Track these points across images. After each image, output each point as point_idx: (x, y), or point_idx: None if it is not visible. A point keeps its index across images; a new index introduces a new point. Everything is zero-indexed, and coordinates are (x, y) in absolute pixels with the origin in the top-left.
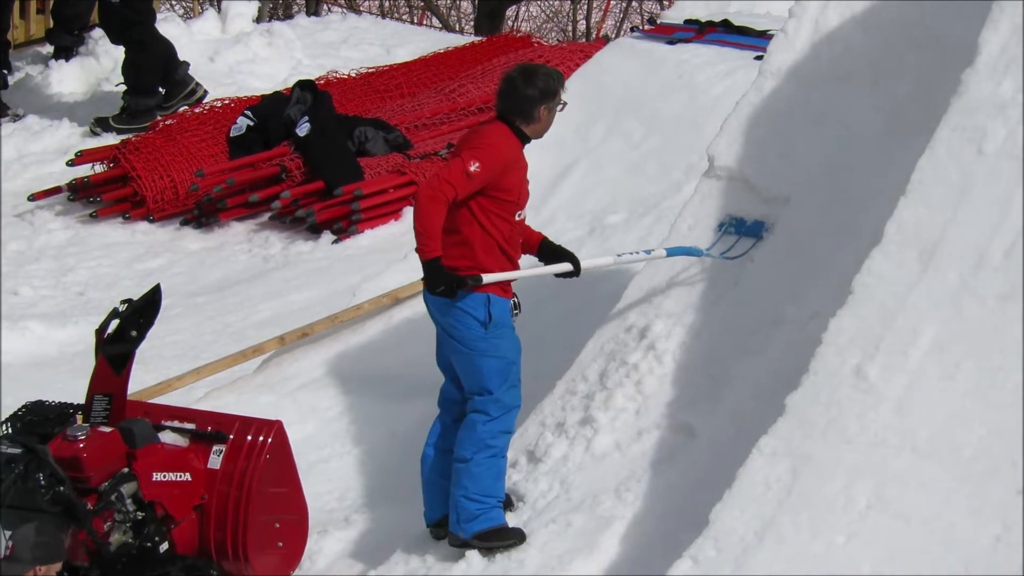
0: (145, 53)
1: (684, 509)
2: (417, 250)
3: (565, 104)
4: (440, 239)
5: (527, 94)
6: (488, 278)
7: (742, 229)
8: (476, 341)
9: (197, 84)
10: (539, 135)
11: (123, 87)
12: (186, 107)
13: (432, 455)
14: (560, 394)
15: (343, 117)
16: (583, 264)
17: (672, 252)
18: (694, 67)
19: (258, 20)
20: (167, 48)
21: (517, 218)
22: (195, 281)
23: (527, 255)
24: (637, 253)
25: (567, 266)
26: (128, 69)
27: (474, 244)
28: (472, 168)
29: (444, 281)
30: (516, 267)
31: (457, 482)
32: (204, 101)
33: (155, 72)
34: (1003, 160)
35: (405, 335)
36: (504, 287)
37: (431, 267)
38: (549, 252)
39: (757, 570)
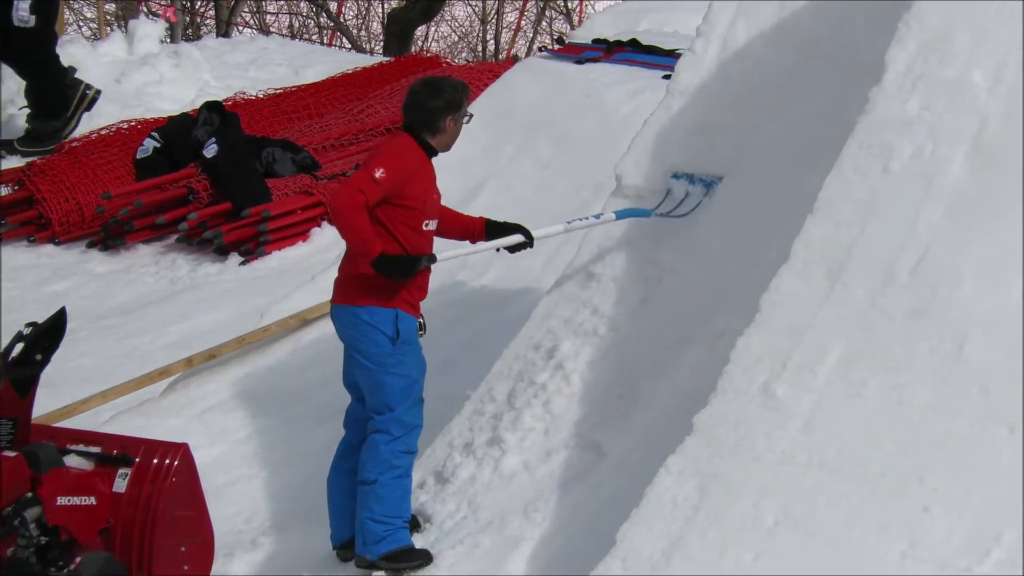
0: (49, 76)
1: (592, 529)
2: (358, 257)
3: (471, 116)
4: (373, 236)
5: (432, 106)
6: (443, 256)
7: (694, 182)
8: (383, 357)
9: (87, 86)
10: (446, 147)
11: (27, 110)
12: (94, 131)
13: (338, 476)
14: (468, 414)
15: (251, 138)
16: (535, 233)
17: (621, 215)
18: (602, 86)
19: (170, 41)
20: (64, 69)
21: (425, 228)
22: (102, 304)
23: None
24: (586, 219)
25: (519, 237)
26: (32, 92)
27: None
28: (378, 174)
29: (402, 266)
30: (427, 274)
31: (363, 504)
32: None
33: (59, 94)
34: (909, 177)
35: (313, 357)
36: (414, 304)
37: (381, 262)
38: (497, 229)
39: None
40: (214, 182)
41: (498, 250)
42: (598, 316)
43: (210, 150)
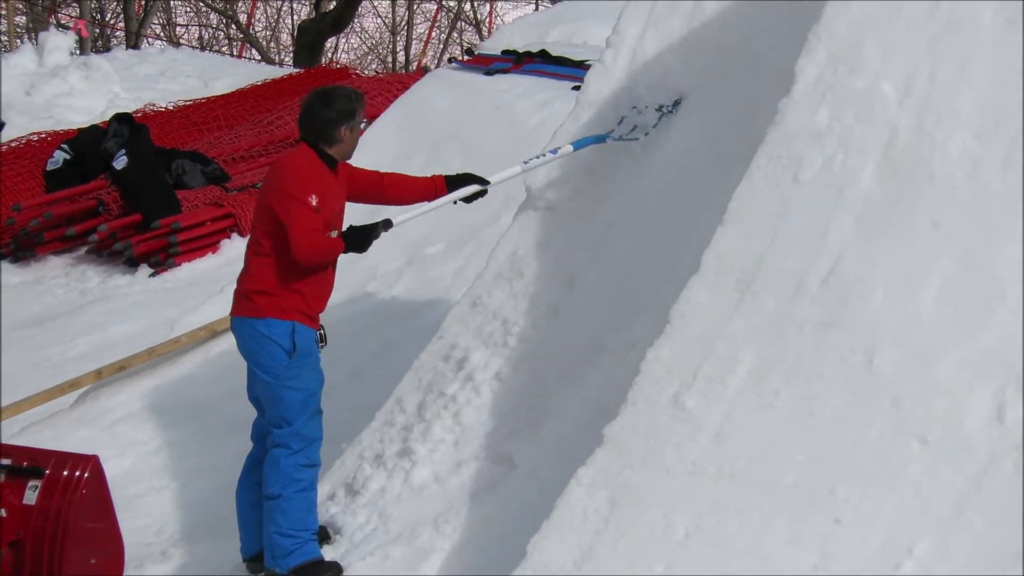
0: None
1: (503, 540)
2: (334, 256)
3: (368, 123)
4: (333, 240)
5: (326, 116)
6: (399, 219)
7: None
8: (280, 370)
9: None
10: (345, 156)
11: None
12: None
13: (246, 489)
14: (378, 426)
15: (160, 150)
16: (492, 179)
17: (578, 145)
18: (512, 97)
19: (80, 53)
20: None
21: (331, 236)
22: (12, 315)
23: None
24: (543, 156)
25: (475, 187)
26: None
27: (285, 266)
28: (314, 202)
29: (364, 236)
30: (330, 286)
31: (269, 518)
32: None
33: None
34: (819, 188)
35: (222, 368)
36: (311, 317)
37: (348, 243)
38: (455, 182)
39: None
40: (124, 194)
41: (455, 203)
42: (508, 326)
43: (120, 162)
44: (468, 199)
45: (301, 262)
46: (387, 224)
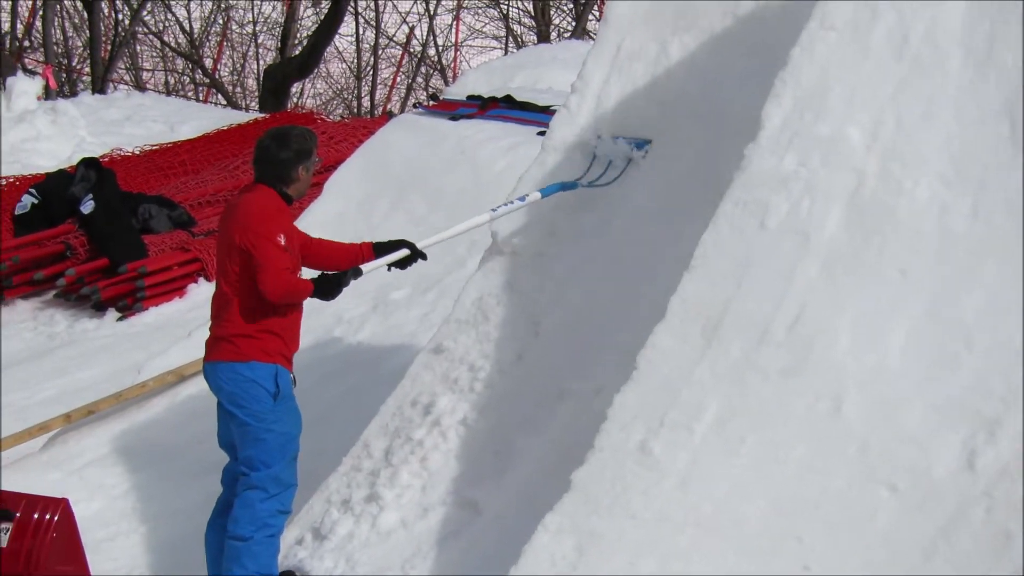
0: None
1: None
2: (303, 297)
3: (320, 161)
4: (302, 282)
5: (283, 158)
6: (367, 267)
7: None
8: (264, 413)
9: None
10: (301, 194)
11: None
12: None
13: (215, 532)
14: (345, 471)
15: (127, 194)
16: (454, 230)
17: (546, 192)
18: (476, 142)
19: (46, 98)
20: None
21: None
22: None
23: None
24: (512, 203)
25: (404, 251)
26: None
27: (256, 308)
28: (282, 240)
29: (335, 284)
30: (297, 324)
31: (235, 559)
32: None
33: None
34: (785, 234)
35: (190, 412)
36: (288, 359)
37: (318, 289)
38: (384, 249)
39: None
40: (91, 238)
41: (389, 268)
42: (474, 371)
43: (87, 206)
44: (401, 264)
45: (271, 300)
46: (356, 272)
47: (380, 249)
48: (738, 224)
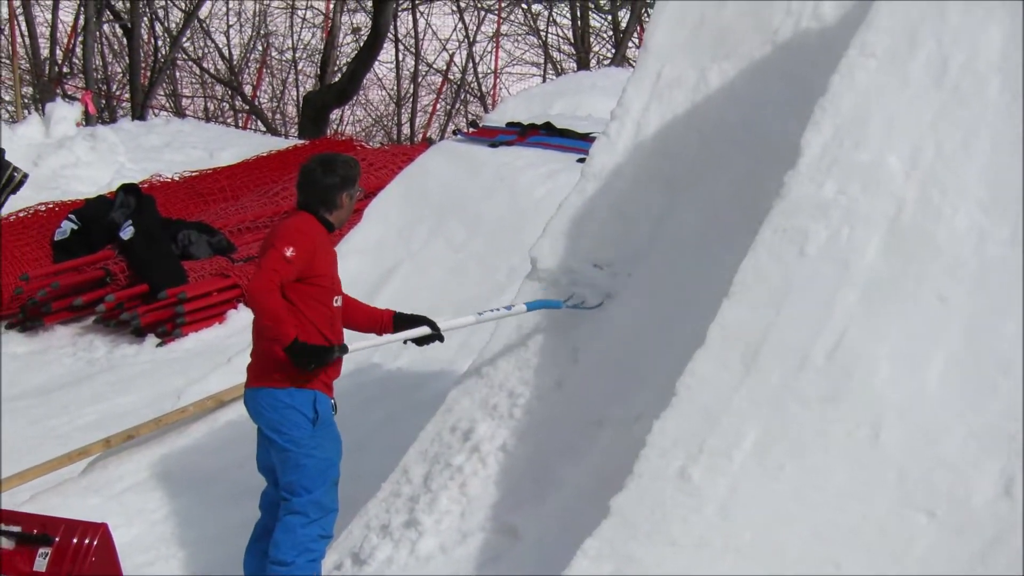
0: None
1: None
2: (271, 341)
3: (363, 192)
4: (289, 320)
5: (328, 183)
6: (354, 346)
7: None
8: (303, 439)
9: (15, 168)
10: (342, 222)
11: None
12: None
13: (254, 557)
14: (384, 496)
15: (167, 220)
16: (443, 325)
17: (531, 307)
18: (516, 169)
19: (86, 124)
20: None
21: (336, 304)
22: (19, 385)
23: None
24: (497, 310)
25: (426, 329)
26: None
27: (303, 333)
28: (288, 253)
29: (314, 356)
30: (341, 360)
31: None
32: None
33: None
34: (825, 261)
35: (229, 437)
36: (328, 384)
37: (296, 349)
38: (404, 321)
39: None
40: (131, 264)
41: (405, 343)
42: (513, 398)
43: (126, 232)
44: (420, 342)
45: (248, 296)
46: (343, 349)
47: (401, 320)
48: (777, 251)
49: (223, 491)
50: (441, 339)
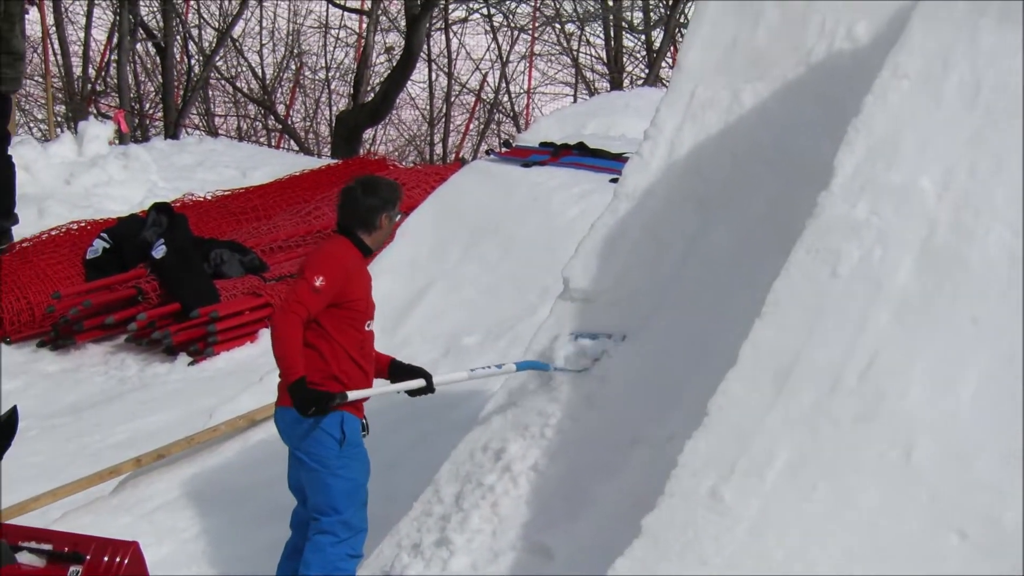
0: (2, 175)
1: None
2: (281, 374)
3: (403, 215)
4: (301, 359)
5: (369, 204)
6: (352, 395)
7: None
8: (330, 459)
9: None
10: (380, 245)
11: None
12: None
13: None
14: (416, 515)
15: (199, 239)
16: (436, 379)
17: (521, 367)
18: (549, 189)
19: (119, 142)
20: (14, 170)
21: (368, 328)
22: (51, 403)
23: (377, 378)
24: (488, 368)
25: (420, 382)
26: None
27: (326, 355)
28: (318, 283)
29: (314, 400)
30: (370, 377)
31: None
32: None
33: (10, 194)
34: (857, 282)
35: (261, 457)
36: (357, 406)
37: (297, 389)
38: (400, 371)
39: None
40: (162, 283)
41: (398, 393)
42: (545, 418)
43: (158, 251)
44: (412, 393)
45: (272, 322)
46: (343, 397)
47: (397, 369)
48: (810, 271)
49: (254, 510)
50: (432, 391)
